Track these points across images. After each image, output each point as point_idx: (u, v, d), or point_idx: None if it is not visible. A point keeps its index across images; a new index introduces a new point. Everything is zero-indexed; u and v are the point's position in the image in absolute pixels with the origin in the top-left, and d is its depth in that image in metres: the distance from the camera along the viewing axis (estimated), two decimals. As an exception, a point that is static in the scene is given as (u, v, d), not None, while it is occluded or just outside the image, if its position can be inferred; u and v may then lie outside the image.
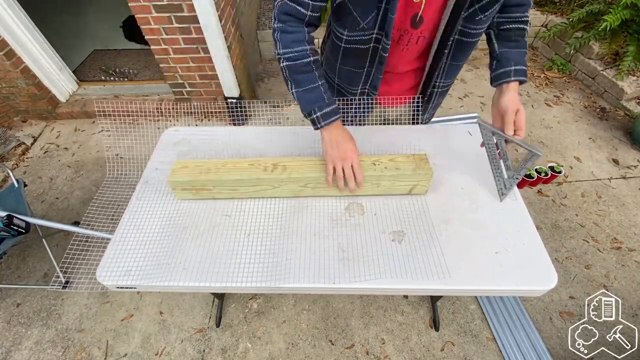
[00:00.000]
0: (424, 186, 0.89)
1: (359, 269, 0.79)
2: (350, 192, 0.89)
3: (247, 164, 0.89)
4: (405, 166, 0.86)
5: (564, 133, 2.31)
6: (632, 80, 2.41)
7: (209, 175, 0.86)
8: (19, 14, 2.10)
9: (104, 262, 0.82)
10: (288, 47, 0.77)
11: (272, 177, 0.86)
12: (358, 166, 0.82)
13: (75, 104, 2.52)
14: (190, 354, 1.41)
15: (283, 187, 0.89)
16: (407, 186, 0.89)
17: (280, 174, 0.86)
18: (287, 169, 0.87)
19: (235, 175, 0.86)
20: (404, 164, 0.86)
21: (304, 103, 0.81)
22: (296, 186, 0.89)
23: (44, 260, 1.70)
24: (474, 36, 0.83)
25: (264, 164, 0.88)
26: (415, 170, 0.85)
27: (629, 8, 2.30)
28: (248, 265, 0.80)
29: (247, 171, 0.87)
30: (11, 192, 1.52)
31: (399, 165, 0.86)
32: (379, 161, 0.88)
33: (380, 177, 0.86)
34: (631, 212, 1.84)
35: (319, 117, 0.81)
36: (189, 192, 0.91)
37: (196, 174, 0.87)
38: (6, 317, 1.53)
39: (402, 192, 0.91)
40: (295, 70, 0.80)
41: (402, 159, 0.88)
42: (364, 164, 0.87)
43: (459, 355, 1.38)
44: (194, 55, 2.08)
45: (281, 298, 1.56)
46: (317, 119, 0.81)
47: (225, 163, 0.89)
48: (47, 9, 3.63)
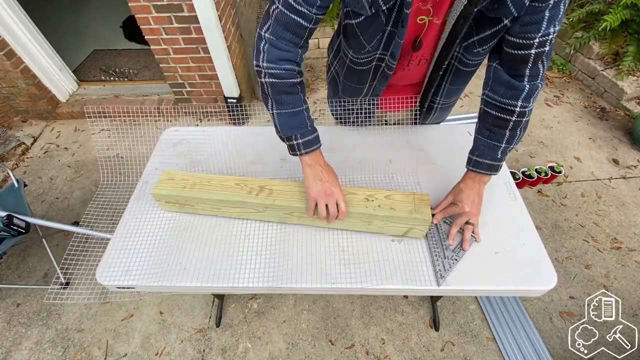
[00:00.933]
0: (420, 231, 0.80)
1: (359, 269, 0.79)
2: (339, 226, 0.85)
3: (233, 182, 0.85)
4: (401, 207, 0.77)
5: (564, 133, 2.31)
6: (632, 80, 2.41)
7: (193, 192, 0.83)
8: (19, 13, 2.10)
9: (104, 262, 0.82)
10: (274, 62, 0.70)
11: (256, 201, 0.81)
12: (343, 202, 0.76)
13: (75, 104, 2.52)
14: (190, 354, 1.41)
15: (267, 212, 0.85)
16: (401, 228, 0.81)
17: (264, 199, 0.81)
18: (272, 193, 0.82)
19: (218, 195, 0.82)
20: (400, 204, 0.78)
21: (284, 127, 0.75)
22: (281, 213, 0.84)
23: (44, 260, 1.70)
24: (471, 66, 0.81)
25: (250, 185, 0.84)
26: (412, 214, 0.76)
27: (629, 8, 2.29)
28: (248, 266, 0.80)
29: (232, 192, 0.83)
30: (11, 192, 1.52)
31: (394, 205, 0.78)
32: (373, 197, 0.80)
33: (372, 217, 0.78)
34: (631, 212, 1.84)
35: (300, 145, 0.75)
36: (173, 205, 0.89)
37: (180, 189, 0.84)
38: (6, 317, 1.53)
39: (395, 233, 0.84)
40: (279, 90, 0.72)
41: (400, 197, 0.79)
42: (356, 198, 0.80)
43: (459, 355, 1.38)
44: (194, 55, 2.08)
45: (281, 298, 1.56)
46: (298, 145, 0.75)
47: (211, 179, 0.86)
48: (47, 9, 3.63)
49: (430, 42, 0.76)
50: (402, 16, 0.67)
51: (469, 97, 2.61)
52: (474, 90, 2.67)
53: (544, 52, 0.64)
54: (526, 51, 0.65)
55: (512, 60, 0.68)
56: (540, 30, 0.61)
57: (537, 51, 0.64)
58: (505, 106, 0.72)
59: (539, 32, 0.61)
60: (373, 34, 0.74)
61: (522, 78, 0.69)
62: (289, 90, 0.72)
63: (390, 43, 0.75)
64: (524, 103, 0.70)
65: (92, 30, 3.41)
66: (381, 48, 0.77)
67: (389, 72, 0.82)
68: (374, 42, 0.76)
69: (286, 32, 0.68)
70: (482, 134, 0.79)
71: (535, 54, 0.64)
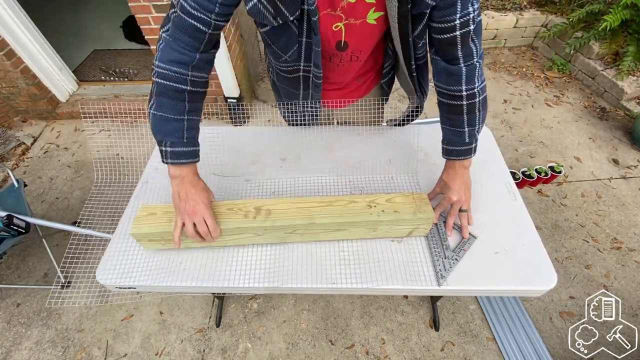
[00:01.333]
0: (424, 229, 0.81)
1: (359, 269, 0.79)
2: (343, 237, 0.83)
3: (225, 208, 0.78)
4: (404, 208, 0.78)
5: (564, 133, 2.31)
6: (632, 80, 2.41)
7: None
8: (19, 13, 2.10)
9: (104, 262, 0.82)
10: (165, 63, 0.67)
11: (255, 225, 0.75)
12: (211, 219, 0.72)
13: (75, 104, 2.52)
14: (190, 354, 1.41)
15: (267, 234, 0.79)
16: (406, 229, 0.81)
17: (263, 221, 0.75)
18: (271, 214, 0.77)
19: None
20: (402, 206, 0.78)
21: (156, 129, 0.70)
22: (282, 233, 0.79)
23: (44, 260, 1.70)
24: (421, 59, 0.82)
25: (244, 209, 0.77)
26: (416, 214, 0.77)
27: (629, 8, 2.30)
28: (248, 266, 0.80)
29: (227, 219, 0.76)
30: (11, 192, 1.52)
31: (397, 208, 0.78)
32: (374, 202, 0.79)
33: (377, 223, 0.77)
34: (631, 212, 1.84)
35: (167, 153, 0.70)
36: (157, 243, 0.79)
37: (165, 223, 0.75)
38: (6, 317, 1.53)
39: (400, 235, 0.84)
40: (162, 92, 0.68)
41: (401, 199, 0.80)
42: (358, 206, 0.78)
43: (459, 355, 1.38)
44: (194, 55, 2.08)
45: (281, 298, 1.56)
46: (165, 153, 0.70)
47: None
48: (47, 9, 3.63)
49: (358, 40, 0.76)
50: (312, 24, 0.68)
51: (469, 97, 2.61)
52: (474, 90, 2.67)
53: (470, 32, 0.65)
54: (451, 34, 0.66)
55: (443, 45, 0.69)
56: (458, 12, 0.63)
57: (462, 32, 0.65)
58: (452, 93, 0.73)
59: (456, 13, 0.63)
60: (287, 44, 0.74)
61: (457, 61, 0.70)
62: (172, 95, 0.69)
63: (310, 54, 0.76)
64: (468, 86, 0.71)
65: (92, 30, 3.41)
66: (303, 60, 0.78)
67: (319, 81, 0.83)
68: (291, 53, 0.76)
69: (184, 35, 0.66)
70: (444, 122, 0.81)
71: (461, 35, 0.66)
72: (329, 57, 0.80)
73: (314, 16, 0.66)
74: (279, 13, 0.66)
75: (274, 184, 0.98)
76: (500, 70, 2.87)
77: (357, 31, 0.72)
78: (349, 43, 0.75)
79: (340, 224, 0.77)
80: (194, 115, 0.73)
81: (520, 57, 3.02)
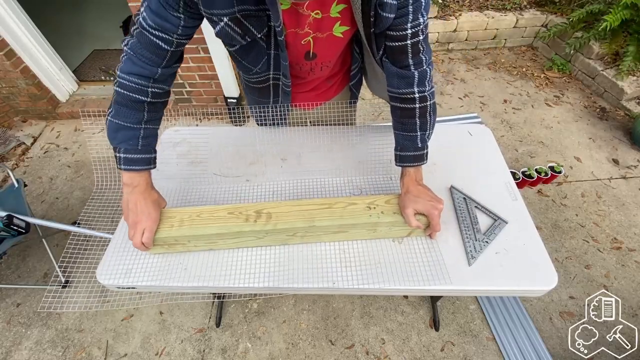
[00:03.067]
0: (423, 230, 0.81)
1: (359, 269, 0.79)
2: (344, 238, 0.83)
3: (226, 212, 0.79)
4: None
5: (564, 133, 2.31)
6: (632, 80, 2.41)
7: (183, 230, 0.76)
8: (19, 14, 2.10)
9: (104, 262, 0.82)
10: (125, 73, 0.68)
11: (256, 229, 0.76)
12: (149, 233, 0.72)
13: (75, 104, 2.52)
14: (190, 354, 1.41)
15: (268, 237, 0.80)
16: (405, 230, 0.81)
17: (264, 225, 0.76)
18: (272, 217, 0.77)
19: (213, 229, 0.76)
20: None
21: (111, 134, 0.71)
22: (284, 236, 0.80)
23: (44, 260, 1.70)
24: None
25: (245, 212, 0.78)
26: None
27: (629, 8, 2.29)
28: (249, 266, 0.80)
29: (227, 223, 0.77)
30: (11, 192, 1.52)
31: (396, 209, 0.78)
32: (374, 204, 0.79)
33: (376, 224, 0.78)
34: (631, 212, 1.84)
35: (121, 158, 0.71)
36: (160, 248, 0.80)
37: (167, 228, 0.76)
38: (6, 317, 1.53)
39: (400, 235, 0.84)
40: (121, 101, 0.69)
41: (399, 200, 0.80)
42: (358, 208, 0.78)
43: (459, 355, 1.38)
44: (194, 55, 2.08)
45: (281, 298, 1.56)
46: (119, 158, 0.72)
47: (200, 212, 0.79)
48: (47, 9, 3.63)
49: (326, 51, 0.79)
50: (279, 42, 0.70)
51: (468, 97, 2.61)
52: (473, 90, 2.67)
53: (420, 41, 0.69)
54: (403, 42, 0.69)
55: (394, 52, 0.72)
56: (409, 21, 0.65)
57: (412, 41, 0.69)
58: (404, 96, 0.75)
59: (408, 22, 0.66)
60: (256, 58, 0.77)
61: (408, 68, 0.72)
62: (130, 105, 0.70)
63: (278, 64, 0.78)
64: (420, 88, 0.73)
65: (92, 30, 3.41)
66: (272, 69, 0.80)
67: (288, 89, 0.85)
68: (260, 65, 0.78)
69: (145, 51, 0.67)
70: (397, 128, 0.81)
71: (412, 44, 0.69)
72: (299, 67, 0.83)
73: (280, 36, 0.69)
74: (247, 32, 0.69)
75: (274, 184, 0.98)
76: (500, 70, 2.87)
77: (325, 43, 0.76)
78: (317, 54, 0.78)
79: (340, 226, 0.78)
80: (153, 125, 0.75)
81: (520, 57, 3.03)
